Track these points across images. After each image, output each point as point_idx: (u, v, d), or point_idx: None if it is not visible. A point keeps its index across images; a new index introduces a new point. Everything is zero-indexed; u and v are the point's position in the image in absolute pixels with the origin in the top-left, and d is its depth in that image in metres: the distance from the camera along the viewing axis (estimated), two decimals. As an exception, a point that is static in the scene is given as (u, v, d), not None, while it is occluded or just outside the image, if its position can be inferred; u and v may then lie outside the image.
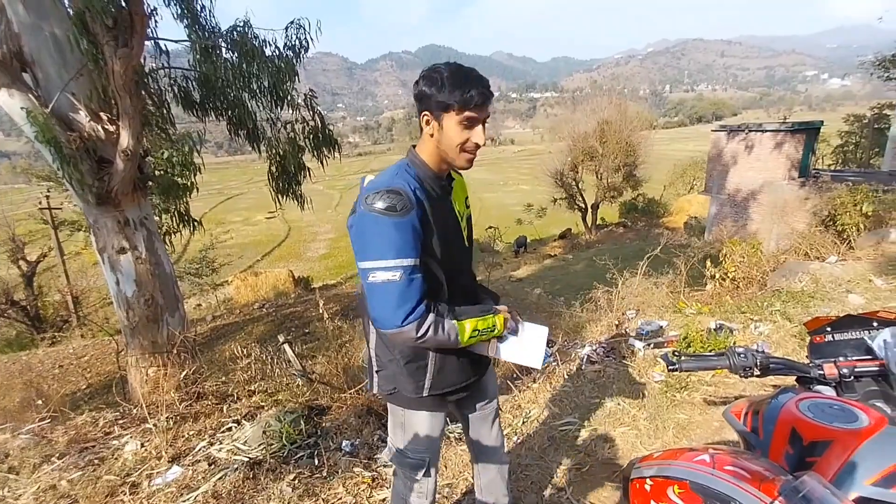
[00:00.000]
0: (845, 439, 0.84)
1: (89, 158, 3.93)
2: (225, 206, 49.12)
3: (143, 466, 2.23)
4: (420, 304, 1.16)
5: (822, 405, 0.94)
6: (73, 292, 14.42)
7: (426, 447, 1.45)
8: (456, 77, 1.16)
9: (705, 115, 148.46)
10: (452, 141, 1.20)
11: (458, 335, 1.23)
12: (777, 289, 4.99)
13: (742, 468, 0.82)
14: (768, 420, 0.96)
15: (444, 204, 1.30)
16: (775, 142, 15.63)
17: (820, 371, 1.14)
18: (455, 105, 1.16)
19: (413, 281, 1.15)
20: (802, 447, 0.87)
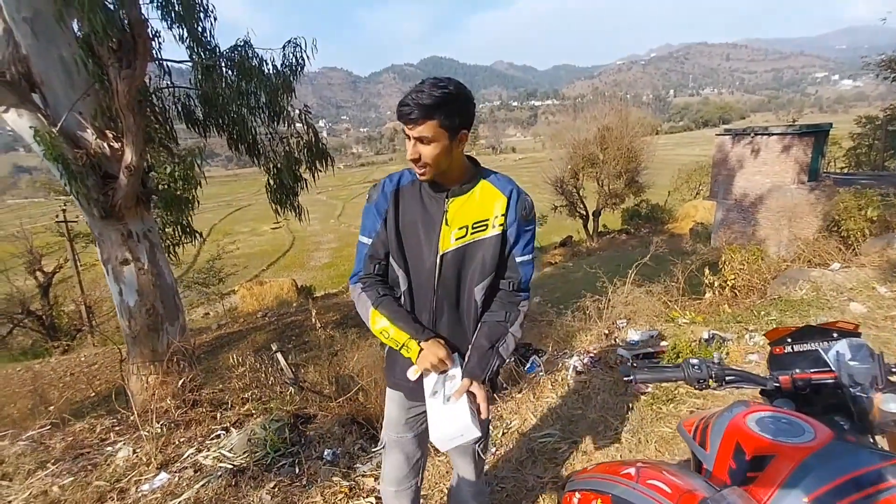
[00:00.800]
0: (788, 454, 0.82)
1: (95, 174, 4.08)
2: (233, 217, 49.79)
3: (132, 472, 2.32)
4: (356, 274, 1.42)
5: (771, 419, 0.92)
6: (87, 302, 14.74)
7: (386, 425, 1.57)
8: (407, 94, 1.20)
9: (711, 118, 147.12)
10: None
11: (369, 319, 1.37)
12: (776, 297, 4.95)
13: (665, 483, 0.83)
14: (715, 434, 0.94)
15: (427, 212, 1.34)
16: (782, 145, 15.48)
17: (776, 383, 1.11)
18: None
19: (360, 253, 1.41)
20: (745, 462, 0.86)
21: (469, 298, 1.37)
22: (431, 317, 1.37)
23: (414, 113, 1.18)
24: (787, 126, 16.15)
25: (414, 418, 1.51)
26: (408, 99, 1.18)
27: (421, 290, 1.37)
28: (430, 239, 1.33)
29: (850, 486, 0.75)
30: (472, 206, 1.33)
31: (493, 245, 1.32)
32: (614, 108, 23.21)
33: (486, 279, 1.34)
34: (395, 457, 1.55)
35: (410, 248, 1.36)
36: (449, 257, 1.32)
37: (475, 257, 1.33)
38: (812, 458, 0.80)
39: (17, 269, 14.39)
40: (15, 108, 3.83)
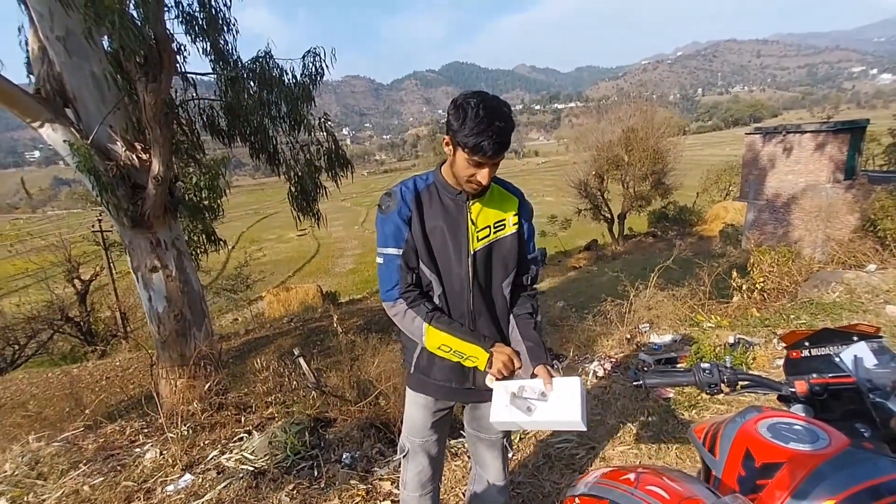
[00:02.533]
0: (800, 461, 0.79)
1: (125, 185, 4.25)
2: (261, 224, 51.03)
3: (159, 473, 2.38)
4: (394, 289, 1.36)
5: (784, 425, 0.89)
6: (121, 309, 15.31)
7: (408, 431, 1.56)
8: (478, 122, 1.19)
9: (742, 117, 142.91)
10: (460, 172, 1.29)
11: (423, 336, 1.34)
12: (806, 300, 4.75)
13: (664, 489, 0.81)
14: (725, 440, 0.92)
15: (450, 215, 1.36)
16: (816, 143, 14.93)
17: (792, 388, 1.08)
18: (466, 148, 1.22)
19: (390, 266, 1.36)
20: (755, 469, 0.83)
21: (499, 295, 1.44)
22: (470, 317, 1.40)
23: (504, 148, 1.24)
24: (821, 123, 15.56)
25: (439, 421, 1.54)
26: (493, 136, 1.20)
27: (454, 293, 1.39)
28: (459, 240, 1.36)
29: (866, 496, 0.72)
30: (491, 207, 1.40)
31: (512, 242, 1.42)
32: (639, 109, 22.87)
33: (511, 275, 1.44)
34: (418, 461, 1.56)
35: (439, 252, 1.37)
36: (479, 256, 1.38)
37: (500, 255, 1.41)
38: (825, 465, 0.77)
39: (57, 277, 15.06)
40: (50, 123, 4.03)
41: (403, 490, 1.62)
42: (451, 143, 1.28)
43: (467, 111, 1.20)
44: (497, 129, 1.20)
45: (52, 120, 3.99)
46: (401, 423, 2.70)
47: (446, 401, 1.51)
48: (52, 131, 4.00)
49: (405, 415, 1.57)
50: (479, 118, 1.19)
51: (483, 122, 1.19)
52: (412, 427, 1.54)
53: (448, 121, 1.26)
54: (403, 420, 1.58)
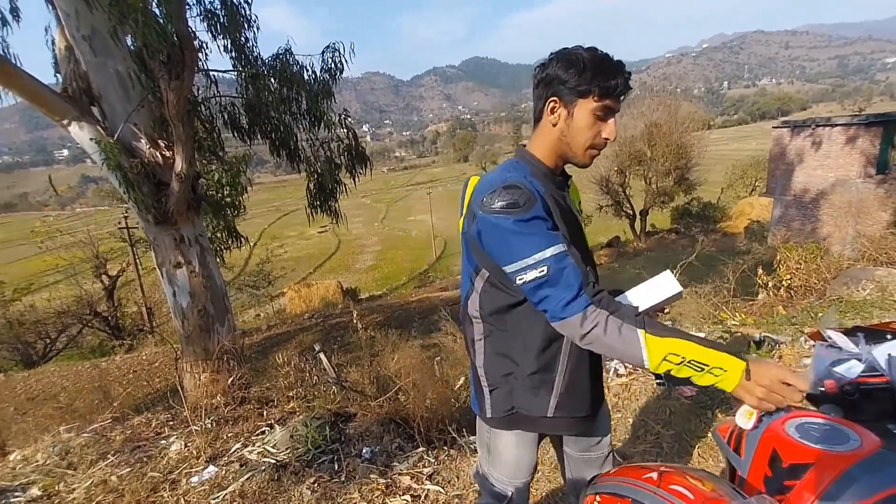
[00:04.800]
0: (829, 462, 0.76)
1: (149, 182, 4.33)
2: (282, 221, 51.75)
3: (183, 465, 2.41)
4: (579, 295, 1.01)
5: (812, 425, 0.86)
6: (147, 304, 15.74)
7: (512, 476, 1.31)
8: (601, 62, 1.07)
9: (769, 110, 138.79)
10: (582, 133, 1.10)
11: (644, 350, 0.96)
12: (835, 298, 4.57)
13: (688, 488, 0.78)
14: (751, 439, 0.89)
15: (563, 202, 1.17)
16: (847, 136, 14.38)
17: (821, 387, 1.03)
18: (595, 91, 1.06)
19: (563, 270, 1.01)
20: (782, 470, 0.81)
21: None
22: None
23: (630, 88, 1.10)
24: (852, 116, 14.99)
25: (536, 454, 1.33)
26: (623, 71, 1.08)
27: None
28: (583, 237, 1.22)
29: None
30: (574, 191, 1.28)
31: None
32: (663, 103, 22.41)
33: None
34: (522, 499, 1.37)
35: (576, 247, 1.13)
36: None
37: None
38: (856, 467, 0.74)
39: (86, 272, 15.55)
40: (76, 121, 4.12)
41: None
42: (561, 104, 1.09)
43: (582, 56, 1.07)
44: (623, 65, 1.08)
45: (78, 118, 4.08)
46: (420, 419, 2.69)
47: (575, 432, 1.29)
48: (79, 129, 4.09)
49: (502, 460, 1.30)
50: (600, 58, 1.07)
51: (608, 60, 1.07)
52: (517, 470, 1.30)
53: (552, 78, 1.09)
54: (497, 464, 1.32)
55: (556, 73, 1.09)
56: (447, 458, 2.36)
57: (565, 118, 1.10)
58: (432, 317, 8.78)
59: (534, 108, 1.17)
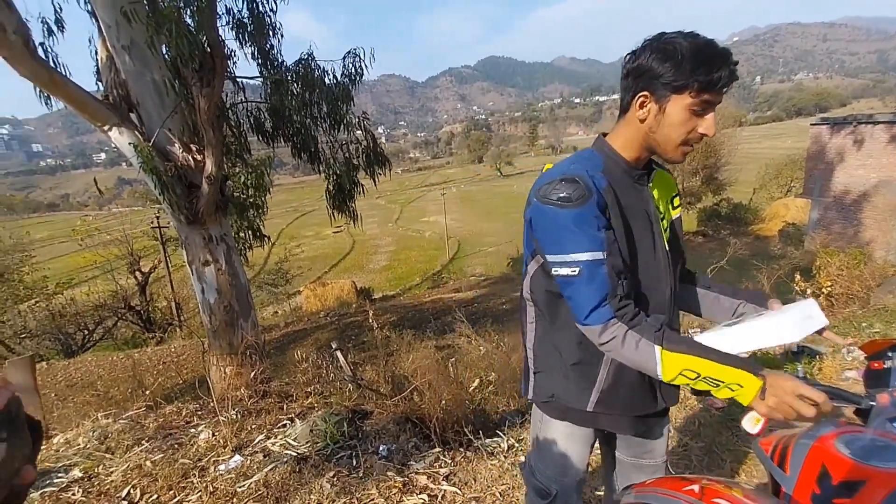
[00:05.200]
0: (883, 479, 0.74)
1: (181, 184, 4.54)
2: (300, 221, 52.68)
3: (211, 453, 2.55)
4: (603, 305, 1.02)
5: (864, 440, 0.83)
6: (176, 299, 16.36)
7: (558, 473, 1.28)
8: (701, 52, 0.97)
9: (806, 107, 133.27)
10: (674, 129, 1.02)
11: (659, 366, 0.99)
12: (880, 307, 4.41)
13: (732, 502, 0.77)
14: (797, 455, 0.86)
15: (634, 200, 1.12)
16: (890, 135, 13.73)
17: (872, 402, 0.98)
18: (695, 86, 0.97)
19: (595, 277, 1.01)
20: (832, 487, 0.78)
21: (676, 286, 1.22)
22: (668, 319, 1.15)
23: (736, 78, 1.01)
24: (894, 114, 14.32)
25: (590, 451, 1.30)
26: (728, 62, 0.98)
27: (649, 293, 1.14)
28: (654, 237, 1.14)
29: None
30: (661, 188, 1.21)
31: (678, 227, 1.26)
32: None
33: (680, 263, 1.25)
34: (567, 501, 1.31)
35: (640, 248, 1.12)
36: (668, 247, 1.18)
37: (675, 246, 1.22)
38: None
39: (121, 269, 16.27)
40: (117, 127, 4.35)
41: None
42: (652, 100, 1.02)
43: (680, 45, 0.97)
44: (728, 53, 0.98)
45: (118, 124, 4.31)
46: (436, 419, 2.76)
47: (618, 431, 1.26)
48: (118, 134, 4.32)
49: (550, 453, 1.27)
50: (702, 50, 0.96)
51: (711, 48, 0.97)
52: (565, 467, 1.26)
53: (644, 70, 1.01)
54: (543, 457, 1.30)
55: (649, 65, 1.00)
56: (463, 460, 2.42)
57: (656, 114, 1.03)
58: (446, 318, 8.84)
59: (621, 97, 1.10)
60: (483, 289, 15.86)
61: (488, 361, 3.85)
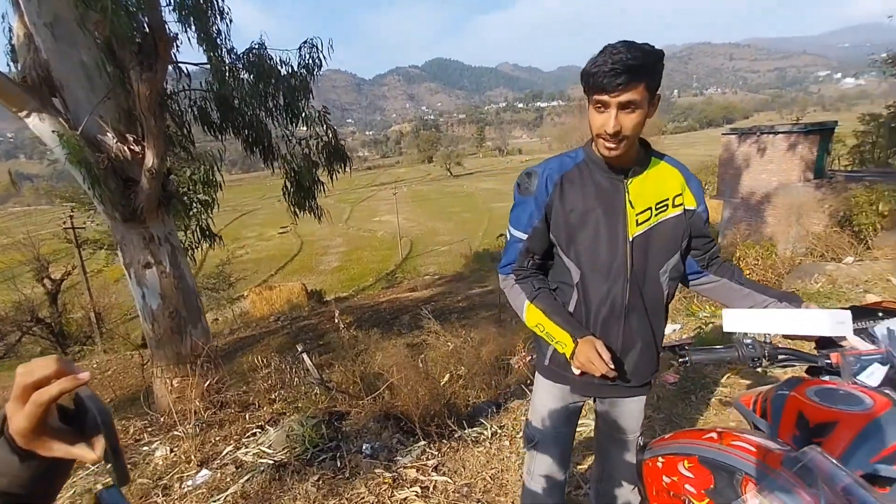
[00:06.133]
0: (850, 420, 0.86)
1: (116, 178, 4.11)
2: (240, 221, 49.93)
3: (173, 470, 2.33)
4: (509, 265, 1.37)
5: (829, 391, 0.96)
6: (96, 309, 14.81)
7: (538, 423, 1.47)
8: (597, 57, 1.07)
9: (715, 118, 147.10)
10: (592, 129, 1.16)
11: (524, 313, 1.33)
12: (793, 290, 4.96)
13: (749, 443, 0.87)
14: (776, 406, 0.98)
15: (602, 195, 1.24)
16: (788, 143, 15.47)
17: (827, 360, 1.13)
18: (588, 88, 1.11)
19: (513, 246, 1.35)
20: (809, 429, 0.90)
21: (655, 286, 1.30)
22: (623, 311, 1.27)
23: (621, 77, 1.04)
24: (791, 125, 16.16)
25: (573, 413, 1.47)
26: (607, 61, 1.05)
27: (602, 282, 1.26)
28: (615, 225, 1.24)
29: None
30: (651, 184, 1.26)
31: (675, 225, 1.28)
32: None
33: (671, 261, 1.30)
34: (548, 453, 1.48)
35: (588, 238, 1.25)
36: (638, 242, 1.25)
37: (660, 240, 1.27)
38: (873, 424, 0.84)
39: (25, 277, 14.47)
40: (36, 113, 3.86)
41: (530, 480, 1.53)
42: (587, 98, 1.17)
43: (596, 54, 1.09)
44: (613, 56, 1.04)
45: (38, 109, 3.83)
46: (417, 414, 2.72)
47: (583, 394, 1.43)
48: (38, 121, 3.84)
49: (534, 405, 1.48)
50: (600, 53, 1.08)
51: (605, 52, 1.07)
52: (543, 418, 1.45)
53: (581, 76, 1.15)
54: (531, 410, 1.50)
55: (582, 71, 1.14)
56: (450, 450, 2.40)
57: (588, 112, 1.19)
58: (403, 316, 8.76)
59: None
60: (439, 287, 15.88)
61: (457, 356, 3.85)
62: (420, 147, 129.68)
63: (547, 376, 1.43)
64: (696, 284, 1.44)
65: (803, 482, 0.73)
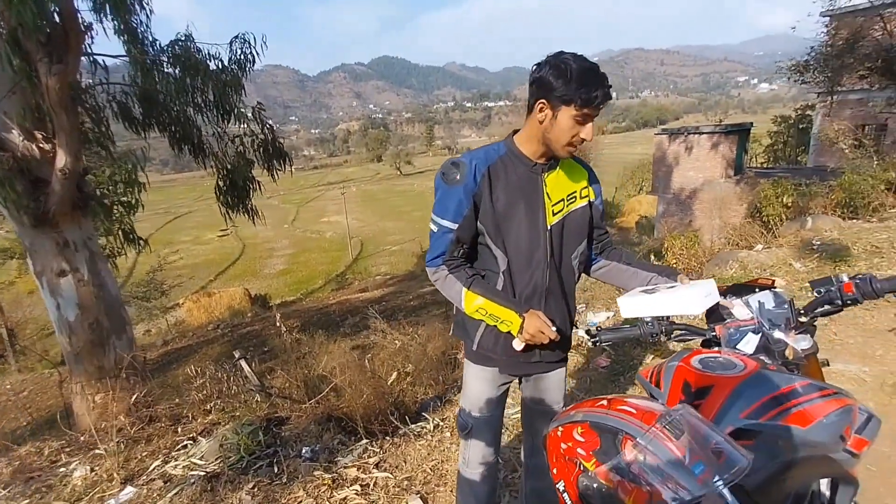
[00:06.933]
0: (724, 383, 0.98)
1: (23, 178, 3.76)
2: (173, 225, 46.93)
3: (94, 490, 2.17)
4: (439, 257, 1.38)
5: (710, 359, 1.08)
6: (8, 324, 13.38)
7: (471, 409, 1.52)
8: (585, 74, 1.19)
9: (650, 119, 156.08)
10: (563, 133, 1.26)
11: (462, 300, 1.35)
12: (710, 276, 5.39)
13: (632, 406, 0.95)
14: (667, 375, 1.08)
15: (525, 183, 1.35)
16: (711, 143, 16.72)
17: (713, 332, 1.29)
18: (578, 101, 1.20)
19: (442, 237, 1.36)
20: (691, 393, 1.01)
21: (569, 270, 1.45)
22: (543, 295, 1.40)
23: (610, 97, 1.23)
24: (714, 125, 17.48)
25: (502, 395, 1.54)
26: (603, 84, 1.21)
27: (526, 268, 1.38)
28: (536, 215, 1.35)
29: (771, 403, 0.93)
30: (563, 178, 1.41)
31: (583, 214, 1.44)
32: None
33: (580, 247, 1.46)
34: (482, 437, 1.54)
35: (513, 227, 1.35)
36: (555, 230, 1.38)
37: (572, 228, 1.42)
38: (741, 385, 0.97)
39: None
40: (-75, 108, 3.46)
41: (465, 468, 1.58)
42: (548, 107, 1.25)
43: (570, 66, 1.19)
44: (604, 76, 1.22)
45: (-74, 104, 3.43)
46: (360, 414, 2.70)
47: (511, 374, 1.51)
48: (-72, 116, 3.43)
49: (466, 392, 1.54)
50: (585, 70, 1.19)
51: (592, 72, 1.20)
52: (475, 403, 1.52)
53: (543, 83, 1.23)
54: (463, 398, 1.56)
55: (546, 78, 1.22)
56: (392, 446, 2.40)
57: (550, 119, 1.26)
58: (354, 318, 8.63)
59: (528, 100, 1.32)
60: (390, 287, 15.72)
61: (405, 354, 3.86)
62: (369, 146, 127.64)
63: (476, 361, 1.49)
64: (593, 270, 1.62)
65: (671, 435, 0.82)
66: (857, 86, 14.62)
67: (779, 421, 0.91)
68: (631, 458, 0.85)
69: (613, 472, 0.87)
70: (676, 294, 1.33)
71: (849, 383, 2.73)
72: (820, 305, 1.25)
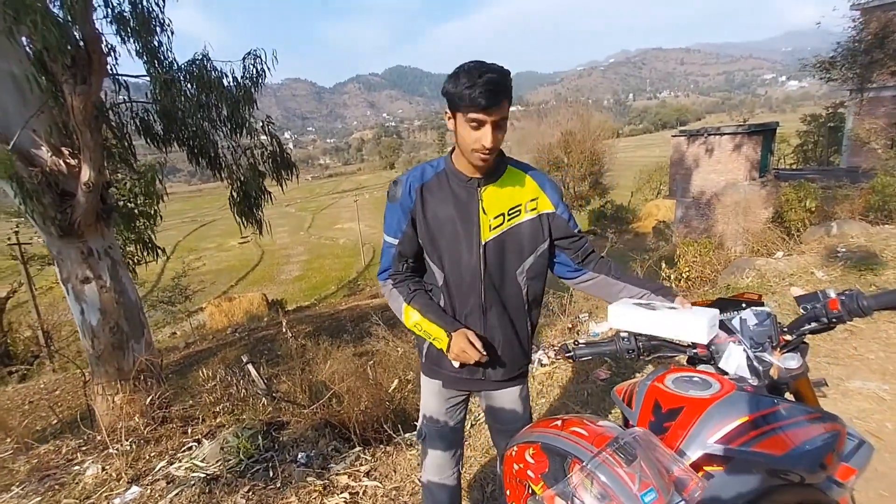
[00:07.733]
0: (695, 405, 0.94)
1: (51, 192, 4.00)
2: (199, 233, 48.27)
3: (102, 489, 2.31)
4: (385, 271, 1.46)
5: (684, 378, 1.04)
6: (44, 327, 14.04)
7: (425, 416, 1.56)
8: (468, 74, 1.15)
9: (669, 121, 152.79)
10: (463, 141, 1.23)
11: (402, 315, 1.42)
12: (725, 286, 5.27)
13: (584, 428, 0.94)
14: (639, 394, 1.05)
15: (460, 204, 1.33)
16: (734, 144, 16.28)
17: (694, 350, 1.22)
18: (462, 106, 1.18)
19: (388, 252, 1.43)
20: (662, 414, 0.97)
21: (513, 285, 1.40)
22: (481, 310, 1.38)
23: (497, 97, 1.16)
24: (737, 126, 17.00)
25: (453, 408, 1.54)
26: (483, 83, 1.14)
27: (462, 284, 1.37)
28: (470, 231, 1.33)
29: (747, 427, 0.88)
30: (505, 192, 1.35)
31: (530, 228, 1.37)
32: (576, 113, 24.08)
33: (526, 262, 1.39)
34: (436, 446, 1.56)
35: (447, 243, 1.35)
36: (491, 246, 1.35)
37: (514, 243, 1.37)
38: (715, 407, 0.92)
39: (-35, 295, 13.56)
40: (-36, 127, 3.73)
41: (423, 475, 1.61)
42: (451, 116, 1.24)
43: (456, 74, 1.19)
44: (487, 78, 1.14)
45: (-35, 123, 3.69)
46: (356, 421, 2.78)
47: (455, 389, 1.51)
48: (-35, 136, 3.70)
49: (422, 402, 1.58)
50: (468, 71, 1.16)
51: (473, 73, 1.15)
52: (428, 413, 1.55)
53: (445, 93, 1.22)
54: (421, 406, 1.59)
55: (445, 88, 1.22)
56: (384, 455, 2.47)
57: (455, 128, 1.25)
58: (364, 324, 8.75)
59: None
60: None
61: (406, 361, 3.93)
62: (382, 154, 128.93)
63: (425, 372, 1.53)
64: (576, 283, 1.52)
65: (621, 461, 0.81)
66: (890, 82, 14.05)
67: (752, 446, 0.87)
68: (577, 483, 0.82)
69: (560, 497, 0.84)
70: (680, 317, 1.21)
71: (866, 402, 2.58)
72: (806, 323, 1.15)
